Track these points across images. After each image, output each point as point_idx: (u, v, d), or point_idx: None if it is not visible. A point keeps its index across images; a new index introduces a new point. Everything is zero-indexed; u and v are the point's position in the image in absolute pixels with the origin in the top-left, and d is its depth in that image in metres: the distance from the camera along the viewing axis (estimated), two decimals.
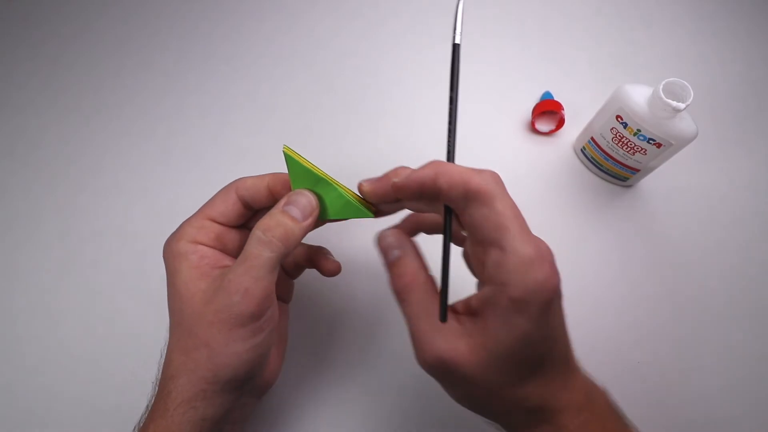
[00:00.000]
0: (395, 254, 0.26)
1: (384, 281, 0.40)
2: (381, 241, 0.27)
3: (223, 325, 0.24)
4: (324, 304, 0.39)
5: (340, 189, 0.28)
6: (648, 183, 0.44)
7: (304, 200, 0.27)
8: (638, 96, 0.37)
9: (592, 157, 0.44)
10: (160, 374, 0.27)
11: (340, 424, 0.35)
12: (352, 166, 0.44)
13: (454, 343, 0.23)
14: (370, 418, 0.36)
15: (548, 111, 0.45)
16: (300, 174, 0.28)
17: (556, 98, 0.47)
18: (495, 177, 0.23)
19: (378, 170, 0.35)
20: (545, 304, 0.21)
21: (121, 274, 0.40)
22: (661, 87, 0.35)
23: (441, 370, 0.23)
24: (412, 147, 0.46)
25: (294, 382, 0.36)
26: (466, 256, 0.28)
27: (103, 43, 0.53)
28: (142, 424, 0.26)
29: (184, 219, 0.31)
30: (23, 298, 0.40)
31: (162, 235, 0.30)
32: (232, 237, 0.29)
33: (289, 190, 0.28)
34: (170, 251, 0.27)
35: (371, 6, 0.55)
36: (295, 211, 0.26)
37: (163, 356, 0.27)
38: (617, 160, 0.41)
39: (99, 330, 0.38)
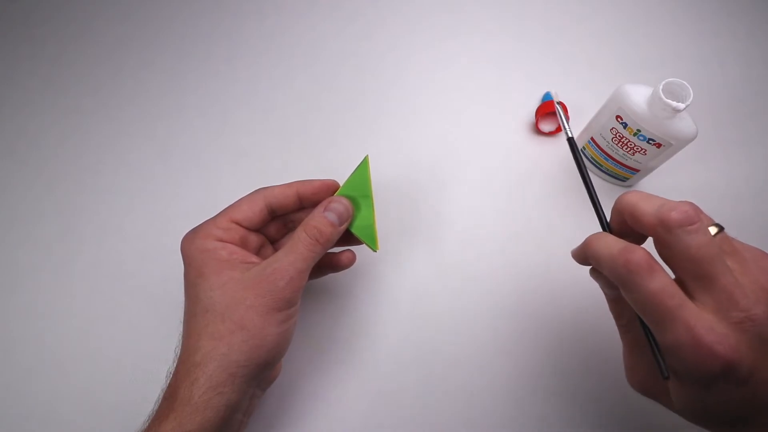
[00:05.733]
0: (614, 294, 0.27)
1: (383, 281, 0.40)
2: (598, 279, 0.27)
3: (262, 307, 0.27)
4: (323, 305, 0.39)
5: (373, 212, 0.32)
6: (648, 183, 0.44)
7: (342, 208, 0.30)
8: (638, 96, 0.37)
9: (592, 157, 0.44)
10: (176, 364, 0.27)
11: (339, 425, 0.35)
12: (352, 167, 0.44)
13: (656, 381, 0.24)
14: (369, 419, 0.36)
15: (551, 111, 0.45)
16: (360, 182, 0.32)
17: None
18: (632, 262, 0.21)
19: (378, 170, 0.35)
20: (703, 381, 0.21)
21: (120, 274, 0.40)
22: (661, 87, 0.35)
23: (646, 395, 0.26)
24: (413, 147, 0.46)
25: (294, 382, 0.36)
26: None
27: (103, 43, 0.53)
28: (155, 414, 0.26)
29: (184, 218, 0.31)
30: (23, 298, 0.40)
31: (162, 234, 0.30)
32: (252, 239, 0.31)
33: (316, 196, 0.32)
34: (195, 247, 0.28)
35: (371, 6, 0.55)
36: (333, 217, 0.30)
37: (179, 345, 0.28)
38: (617, 160, 0.41)
39: (99, 330, 0.38)
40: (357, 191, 0.32)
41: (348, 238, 0.33)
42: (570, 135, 0.30)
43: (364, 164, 0.32)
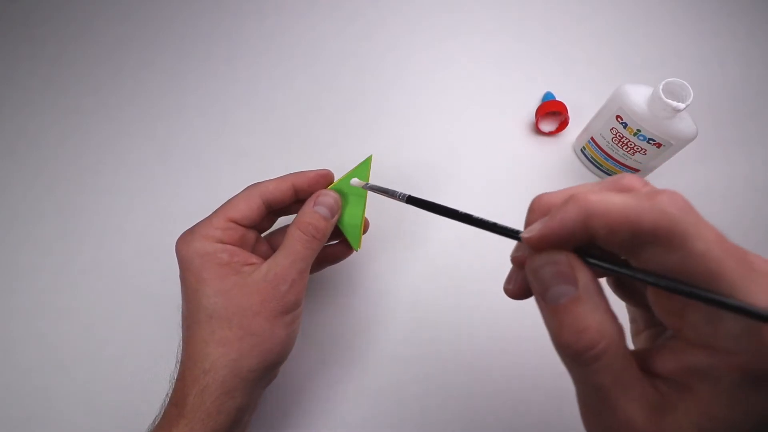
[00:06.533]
0: (565, 293, 0.17)
1: (383, 281, 0.40)
2: (538, 270, 0.18)
3: (269, 313, 0.27)
4: (323, 303, 0.39)
5: (363, 212, 0.32)
6: None
7: (331, 200, 0.30)
8: (638, 96, 0.37)
9: (592, 157, 0.44)
10: (181, 371, 0.27)
11: (339, 424, 0.35)
12: (351, 166, 0.44)
13: (657, 422, 0.16)
14: (368, 419, 0.36)
15: (551, 111, 0.45)
16: (357, 178, 0.31)
17: (557, 98, 0.47)
18: (677, 201, 0.15)
19: (378, 169, 0.35)
20: None
21: (120, 274, 0.40)
22: (661, 87, 0.35)
23: None
24: (413, 147, 0.46)
25: (294, 382, 0.36)
26: (618, 285, 0.21)
27: (103, 43, 0.53)
28: (162, 419, 0.26)
29: (184, 218, 0.31)
30: (23, 298, 0.40)
31: (162, 234, 0.30)
32: (249, 237, 0.31)
33: (312, 187, 0.31)
34: (193, 250, 0.28)
35: (371, 6, 0.55)
36: (324, 210, 0.30)
37: (181, 351, 0.28)
38: (617, 160, 0.41)
39: (99, 330, 0.38)
40: (353, 189, 0.32)
41: (336, 230, 0.33)
42: (407, 195, 0.26)
43: (365, 164, 0.32)
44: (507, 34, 0.54)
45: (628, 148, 0.39)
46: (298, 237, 0.28)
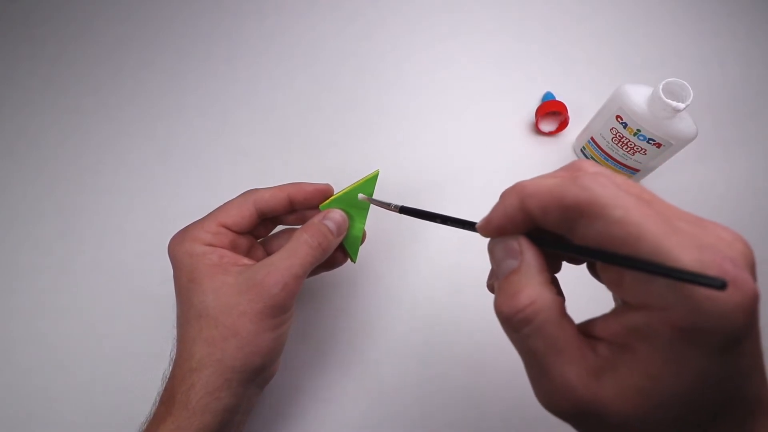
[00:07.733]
0: (510, 266, 0.19)
1: (383, 282, 0.40)
2: (493, 249, 0.20)
3: (255, 314, 0.26)
4: (323, 303, 0.39)
5: (363, 226, 0.32)
6: (648, 183, 0.44)
7: (340, 219, 0.30)
8: (638, 96, 0.37)
9: (592, 158, 0.44)
10: (172, 368, 0.27)
11: (338, 425, 0.35)
12: (352, 167, 0.44)
13: (595, 384, 0.16)
14: (368, 419, 0.36)
15: (551, 111, 0.46)
16: (362, 193, 0.31)
17: (557, 98, 0.47)
18: (597, 178, 0.17)
19: (378, 169, 0.35)
20: (734, 329, 0.15)
21: (121, 274, 0.40)
22: (661, 87, 0.35)
23: (579, 419, 0.17)
24: (413, 146, 0.46)
25: (294, 382, 0.36)
26: (591, 266, 0.21)
27: (103, 43, 0.53)
28: (152, 417, 0.26)
29: (184, 218, 0.31)
30: (23, 298, 0.40)
31: (162, 234, 0.30)
32: (241, 242, 0.31)
33: (308, 201, 0.31)
34: (183, 251, 0.28)
35: (371, 6, 0.55)
36: (333, 226, 0.30)
37: (174, 350, 0.28)
38: (617, 160, 0.41)
39: (99, 329, 0.38)
40: (356, 202, 0.32)
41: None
42: (399, 206, 0.29)
43: (372, 179, 0.32)
44: (507, 34, 0.54)
45: (628, 148, 0.39)
46: (305, 240, 0.28)
